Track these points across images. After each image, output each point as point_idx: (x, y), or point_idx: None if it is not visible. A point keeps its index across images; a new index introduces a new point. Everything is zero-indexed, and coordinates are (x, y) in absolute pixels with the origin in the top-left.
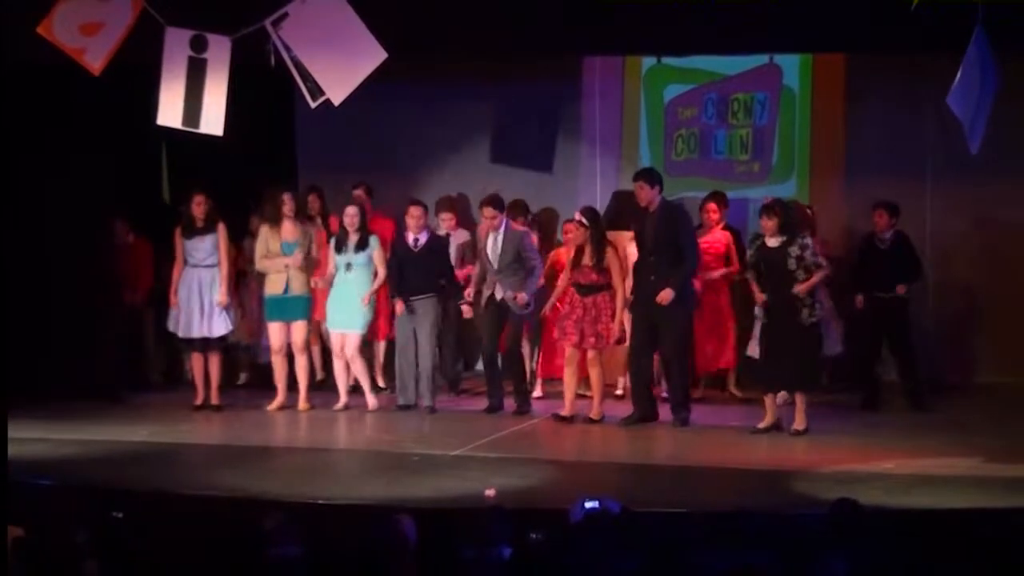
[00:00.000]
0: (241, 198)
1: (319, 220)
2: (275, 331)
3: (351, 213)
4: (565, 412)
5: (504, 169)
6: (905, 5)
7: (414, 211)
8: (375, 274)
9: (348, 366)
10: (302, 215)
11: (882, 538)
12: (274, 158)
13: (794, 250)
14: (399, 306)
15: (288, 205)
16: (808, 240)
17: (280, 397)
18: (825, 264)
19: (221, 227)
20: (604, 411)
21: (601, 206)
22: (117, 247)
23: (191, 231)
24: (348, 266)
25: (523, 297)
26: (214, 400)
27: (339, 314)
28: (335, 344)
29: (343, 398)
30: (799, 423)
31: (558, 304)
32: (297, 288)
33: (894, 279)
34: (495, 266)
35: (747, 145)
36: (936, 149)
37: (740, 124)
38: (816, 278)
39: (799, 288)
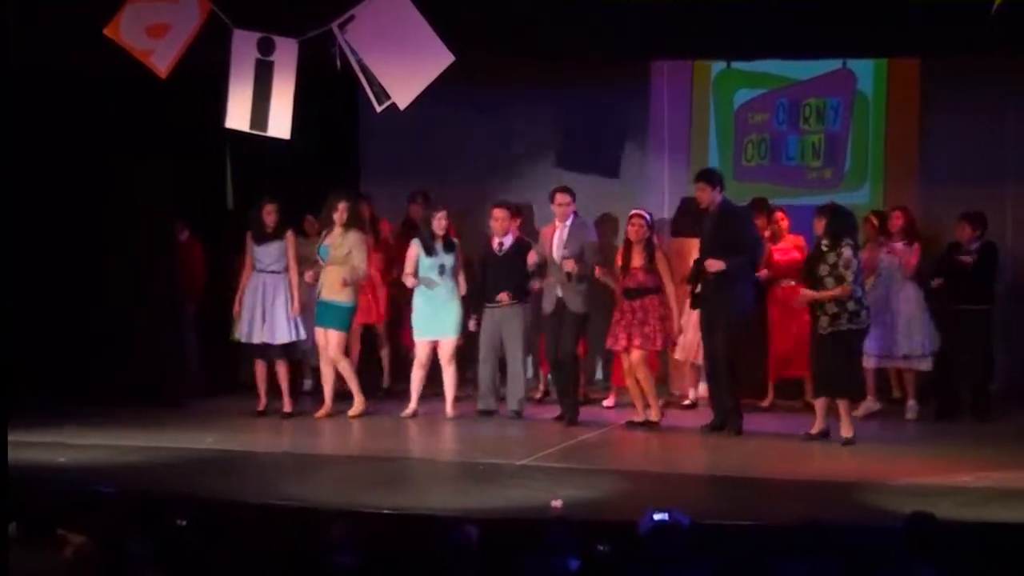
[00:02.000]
0: (304, 203)
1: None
2: (318, 336)
3: (441, 215)
4: (637, 418)
5: (570, 175)
6: (983, 7)
7: (498, 214)
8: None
9: (419, 376)
10: (355, 223)
11: (959, 553)
12: (337, 163)
13: (831, 257)
14: (473, 324)
15: (340, 214)
16: (848, 251)
17: (326, 404)
18: (849, 282)
19: (289, 235)
20: (666, 416)
21: (668, 213)
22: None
23: (260, 237)
24: (441, 268)
25: (571, 263)
26: (285, 407)
27: (430, 321)
28: (421, 352)
29: (413, 405)
30: (845, 430)
31: (616, 310)
32: (327, 293)
33: (979, 291)
34: (558, 260)
35: (819, 151)
36: (1016, 156)
37: (812, 130)
38: (827, 294)
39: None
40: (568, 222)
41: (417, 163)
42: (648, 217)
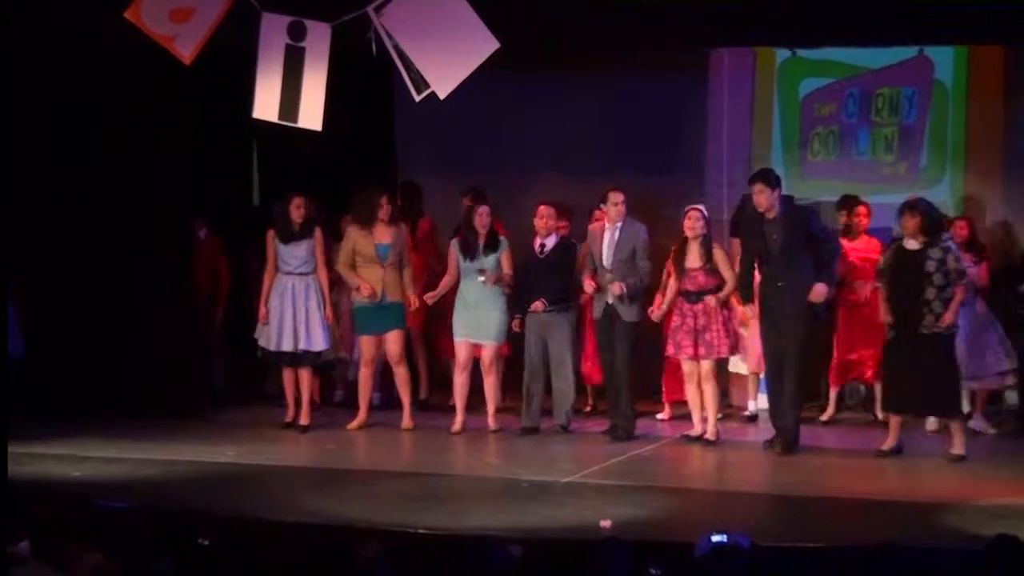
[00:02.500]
0: (336, 199)
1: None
2: (367, 344)
3: (485, 213)
4: (694, 432)
5: (623, 170)
6: None
7: (543, 211)
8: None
9: (462, 380)
10: (397, 218)
11: None
12: (371, 156)
13: (935, 252)
14: (517, 324)
15: (384, 209)
16: (951, 243)
17: (361, 415)
18: (966, 274)
19: (318, 233)
20: (722, 432)
21: (728, 211)
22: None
23: (287, 235)
24: (480, 271)
25: (619, 286)
26: (302, 420)
27: (469, 323)
28: (462, 356)
29: (460, 417)
30: (957, 447)
31: (671, 315)
32: (391, 294)
33: None
34: (607, 264)
35: (892, 145)
36: None
37: (885, 122)
38: (958, 297)
39: (945, 318)
40: (620, 224)
41: (458, 156)
42: (705, 212)
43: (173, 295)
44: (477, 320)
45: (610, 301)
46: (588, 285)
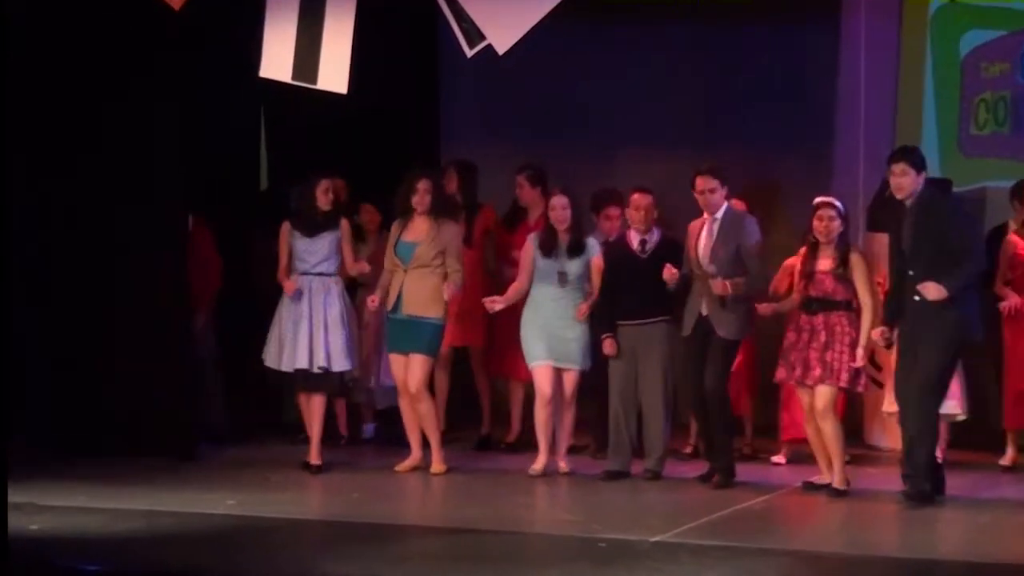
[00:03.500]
0: (362, 183)
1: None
2: (395, 365)
3: (560, 205)
4: (820, 479)
5: (726, 146)
6: None
7: (640, 200)
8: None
9: (546, 414)
10: (446, 208)
11: None
12: (410, 128)
13: None
14: (610, 345)
15: (420, 196)
16: None
17: (414, 454)
18: None
19: (345, 225)
20: (859, 477)
21: (865, 197)
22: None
23: (308, 227)
24: (561, 277)
25: (723, 283)
26: (312, 458)
27: (551, 343)
28: (543, 382)
29: (542, 458)
30: None
31: (788, 331)
32: (413, 307)
33: None
34: (704, 266)
35: None
36: None
37: None
38: None
39: None
40: (719, 214)
41: (517, 128)
42: (840, 207)
43: (158, 302)
44: (557, 338)
45: (704, 312)
46: (668, 273)
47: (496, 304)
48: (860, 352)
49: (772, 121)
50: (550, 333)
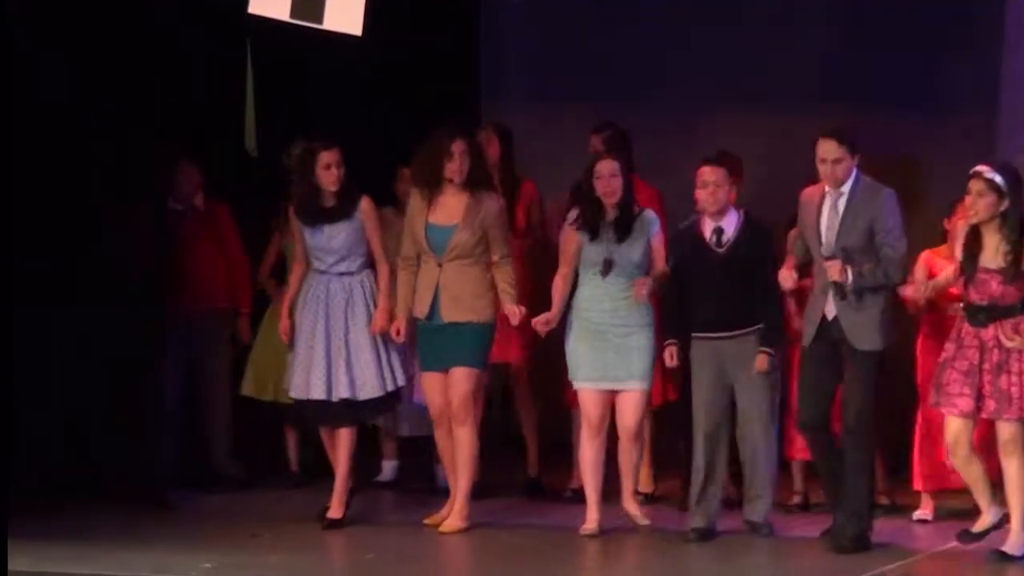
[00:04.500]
0: (386, 154)
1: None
2: (430, 387)
3: (608, 171)
4: (977, 527)
5: (852, 105)
6: None
7: (710, 175)
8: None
9: (596, 452)
10: (482, 178)
11: None
12: (442, 80)
13: None
14: (671, 355)
15: (457, 161)
16: None
17: (450, 504)
18: None
19: (366, 206)
20: None
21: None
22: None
23: (315, 214)
24: (608, 266)
25: (840, 268)
26: (333, 511)
27: (597, 358)
28: (591, 410)
29: (594, 512)
30: None
31: (947, 341)
32: (453, 311)
33: None
34: (826, 252)
35: None
36: None
37: None
38: None
39: None
40: (847, 188)
41: (566, 85)
42: (1002, 179)
43: (127, 307)
44: (611, 349)
45: (829, 315)
46: (786, 276)
47: (549, 323)
48: None
49: (915, 80)
50: (604, 343)
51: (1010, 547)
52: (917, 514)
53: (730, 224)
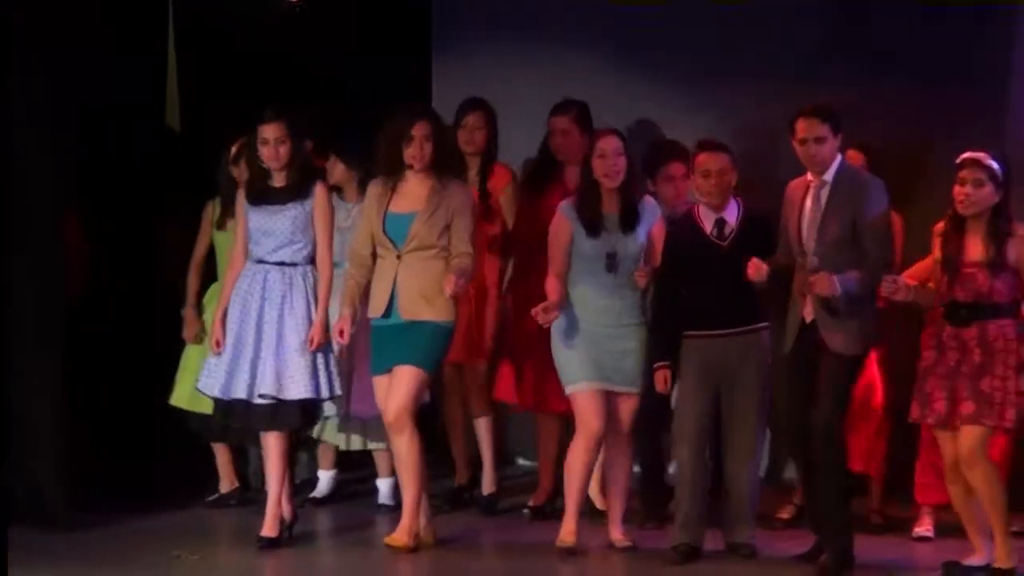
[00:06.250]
0: (325, 127)
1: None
2: (380, 390)
3: (612, 150)
4: (971, 559)
5: (839, 78)
6: None
7: (710, 163)
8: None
9: (591, 460)
10: (447, 163)
11: None
12: (391, 44)
13: None
14: (663, 379)
15: (418, 146)
16: None
17: (406, 519)
18: None
19: (320, 189)
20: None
21: None
22: None
23: (260, 190)
24: (611, 260)
25: (827, 280)
26: (266, 529)
27: (596, 357)
28: (589, 416)
29: (571, 523)
30: None
31: (926, 347)
32: (412, 307)
33: None
34: (808, 248)
35: None
36: None
37: None
38: None
39: None
40: (831, 175)
41: (528, 40)
42: (996, 166)
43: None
44: (609, 351)
45: (808, 318)
46: (755, 269)
47: (551, 313)
48: None
49: (913, 54)
50: (600, 344)
51: (1000, 561)
52: (917, 530)
53: (731, 215)
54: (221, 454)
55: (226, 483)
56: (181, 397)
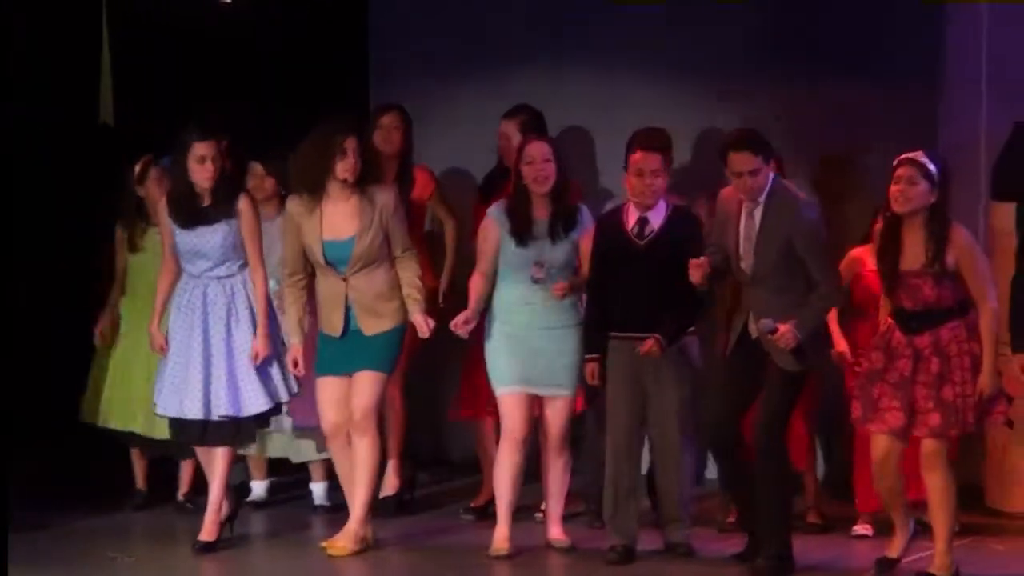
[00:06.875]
0: (253, 130)
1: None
2: (327, 393)
3: (540, 156)
4: (892, 552)
5: (767, 80)
6: None
7: (644, 163)
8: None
9: (515, 464)
10: (370, 174)
11: None
12: (326, 53)
13: None
14: (592, 371)
15: (350, 162)
16: None
17: (354, 524)
18: None
19: (245, 204)
20: (957, 562)
21: (990, 150)
22: None
23: (188, 211)
24: (537, 268)
25: (789, 333)
26: (204, 532)
27: (527, 361)
28: (512, 419)
29: (504, 529)
30: None
31: (863, 352)
32: (373, 320)
33: None
34: (748, 268)
35: None
36: None
37: None
38: None
39: None
40: (763, 197)
41: (464, 59)
42: (932, 166)
43: None
44: (536, 353)
45: (752, 333)
46: (695, 269)
47: (467, 325)
48: (984, 380)
49: (849, 51)
50: (527, 346)
51: (938, 568)
52: (856, 529)
53: (657, 215)
54: (138, 459)
55: (140, 483)
56: (91, 413)
